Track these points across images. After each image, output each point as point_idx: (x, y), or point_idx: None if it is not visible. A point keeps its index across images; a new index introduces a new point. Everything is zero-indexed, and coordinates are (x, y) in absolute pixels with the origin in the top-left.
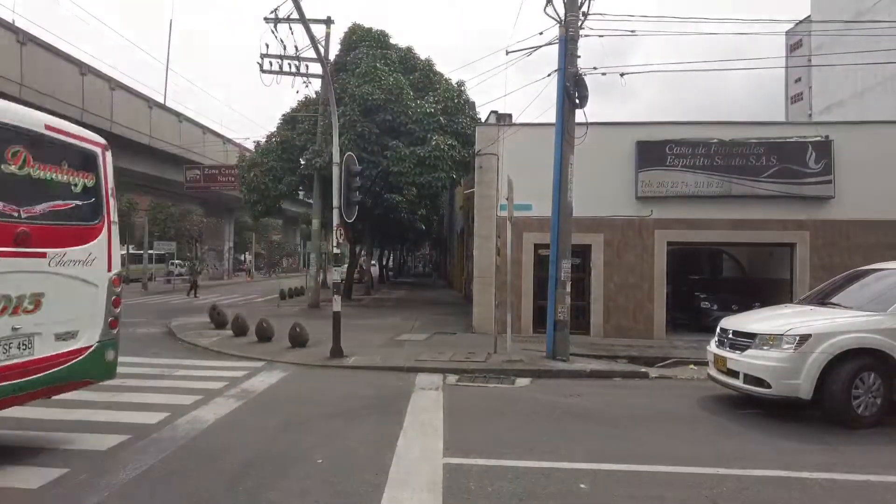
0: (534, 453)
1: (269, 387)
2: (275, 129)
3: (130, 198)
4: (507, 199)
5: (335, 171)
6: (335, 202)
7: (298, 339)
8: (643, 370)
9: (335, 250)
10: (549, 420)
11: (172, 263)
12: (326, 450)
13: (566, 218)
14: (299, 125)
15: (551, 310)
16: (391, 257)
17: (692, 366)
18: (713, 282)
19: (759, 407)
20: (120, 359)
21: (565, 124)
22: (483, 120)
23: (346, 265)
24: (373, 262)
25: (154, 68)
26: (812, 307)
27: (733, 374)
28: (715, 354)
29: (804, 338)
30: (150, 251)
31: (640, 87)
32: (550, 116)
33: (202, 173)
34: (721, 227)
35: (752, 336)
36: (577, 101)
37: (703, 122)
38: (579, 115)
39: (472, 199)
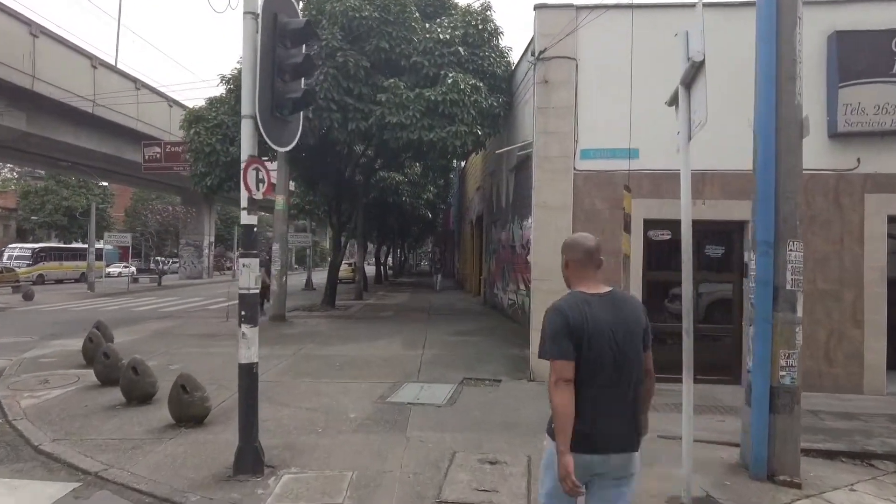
0: None
1: None
2: (230, 74)
3: (106, 188)
4: (684, 88)
5: (244, 26)
6: (244, 107)
7: (188, 410)
8: None
9: (245, 217)
10: None
11: (156, 260)
12: None
13: (793, 149)
14: None
15: (760, 361)
16: (390, 254)
17: None
18: None
19: None
20: None
21: None
22: (518, 60)
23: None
24: (369, 260)
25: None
26: None
27: None
28: None
29: None
30: (99, 245)
31: None
32: None
33: (163, 151)
34: None
35: None
36: None
37: None
38: None
39: (497, 172)
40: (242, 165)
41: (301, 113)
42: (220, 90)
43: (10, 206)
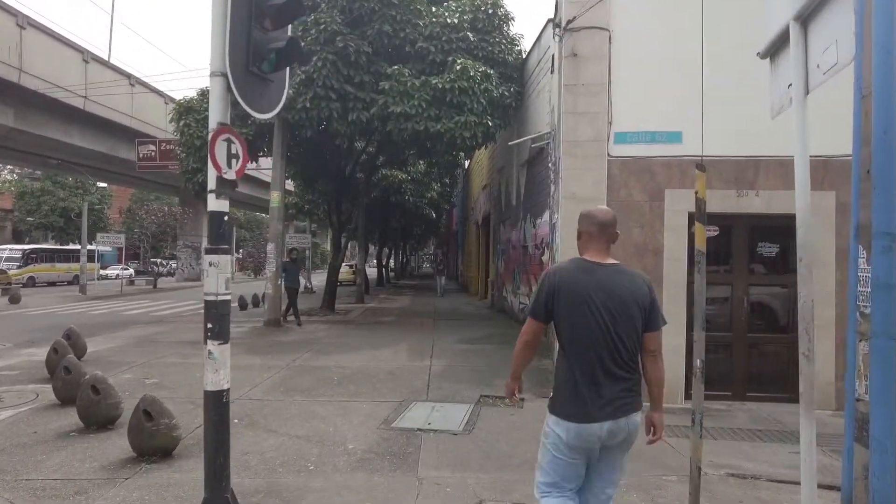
0: None
1: None
2: None
3: (105, 189)
4: (798, 24)
5: None
6: (213, 62)
7: (152, 441)
8: None
9: (213, 201)
10: None
11: (153, 262)
12: None
13: None
14: None
15: (880, 390)
16: (392, 256)
17: None
18: None
19: None
20: None
21: None
22: (530, 48)
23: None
24: (370, 262)
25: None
26: None
27: None
28: None
29: None
30: (92, 246)
31: None
32: None
33: (158, 148)
34: None
35: None
36: None
37: None
38: None
39: (507, 168)
40: (210, 136)
41: (286, 72)
42: None
43: (6, 207)
